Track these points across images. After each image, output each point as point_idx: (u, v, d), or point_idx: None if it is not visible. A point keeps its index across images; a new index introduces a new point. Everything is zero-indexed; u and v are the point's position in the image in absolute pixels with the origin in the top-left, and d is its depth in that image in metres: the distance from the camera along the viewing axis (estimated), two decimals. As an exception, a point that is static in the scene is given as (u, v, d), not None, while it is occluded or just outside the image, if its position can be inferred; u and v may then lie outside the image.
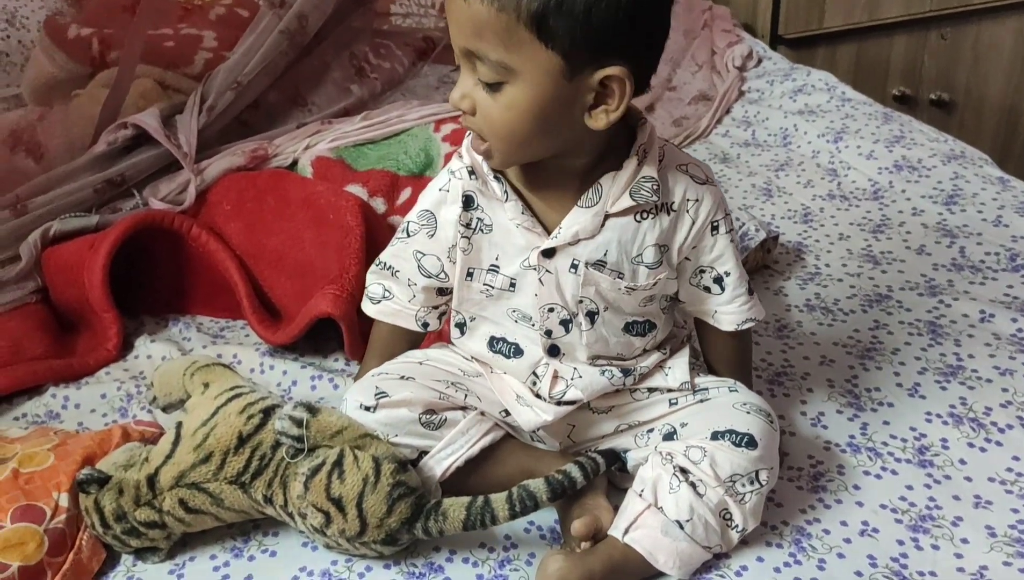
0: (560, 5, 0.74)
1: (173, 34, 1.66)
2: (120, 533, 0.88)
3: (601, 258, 0.88)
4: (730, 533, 0.87)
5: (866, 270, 1.32)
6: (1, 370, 1.14)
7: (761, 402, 0.92)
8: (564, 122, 0.81)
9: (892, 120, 1.69)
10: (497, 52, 0.77)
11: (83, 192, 1.34)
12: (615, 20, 0.75)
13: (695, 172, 0.89)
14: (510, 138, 0.82)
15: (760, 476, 0.87)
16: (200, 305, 1.31)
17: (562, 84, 0.78)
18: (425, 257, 0.96)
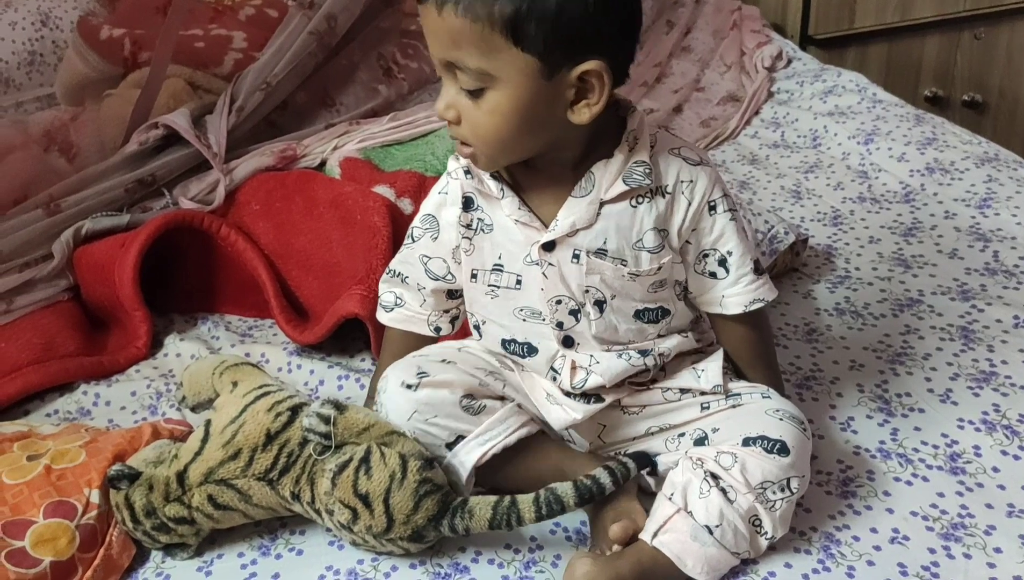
0: (531, 9, 0.76)
1: (203, 35, 1.67)
2: (150, 529, 0.89)
3: (602, 246, 0.88)
4: (759, 540, 0.86)
5: (897, 274, 1.30)
6: (34, 367, 1.16)
7: (795, 409, 0.91)
8: (548, 120, 0.82)
9: (924, 122, 1.67)
10: (475, 60, 0.78)
11: (114, 191, 1.35)
12: (586, 17, 0.77)
13: (688, 154, 0.88)
14: (496, 142, 0.83)
15: (791, 484, 0.86)
16: (229, 304, 1.32)
17: (542, 84, 0.79)
18: (431, 260, 0.97)
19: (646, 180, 0.86)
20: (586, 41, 0.78)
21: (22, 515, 0.87)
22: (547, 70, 0.79)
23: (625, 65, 0.84)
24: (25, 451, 0.96)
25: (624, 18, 0.81)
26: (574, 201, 0.87)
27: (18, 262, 1.27)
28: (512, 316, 0.94)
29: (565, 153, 0.87)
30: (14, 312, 1.23)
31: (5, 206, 1.32)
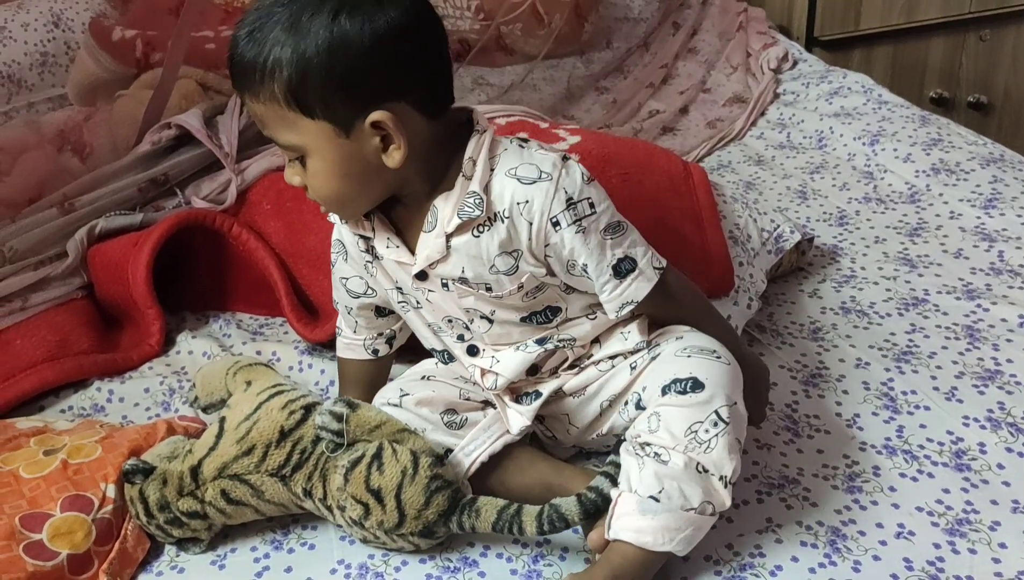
0: (303, 79, 0.80)
1: (214, 36, 1.68)
2: (163, 523, 0.90)
3: (461, 275, 0.89)
4: (713, 484, 0.84)
5: (902, 273, 1.31)
6: (49, 364, 1.17)
7: (707, 341, 0.90)
8: (369, 171, 0.85)
9: (930, 123, 1.68)
10: (283, 135, 0.84)
11: (128, 191, 1.37)
12: (355, 72, 0.80)
13: (524, 173, 0.86)
14: (333, 201, 0.88)
15: (721, 414, 0.84)
16: (240, 302, 1.34)
17: (343, 143, 0.83)
18: (349, 280, 1.00)
19: (476, 211, 0.86)
20: (364, 95, 0.81)
21: (39, 508, 0.88)
22: (341, 129, 0.82)
23: (432, 96, 0.85)
24: (42, 446, 0.97)
25: (405, 57, 0.82)
26: (424, 236, 0.89)
27: (33, 260, 1.28)
28: (427, 328, 0.97)
29: (413, 188, 0.88)
30: (29, 310, 1.24)
31: (20, 205, 1.33)
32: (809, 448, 1.02)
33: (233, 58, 0.83)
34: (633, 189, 1.16)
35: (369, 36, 0.79)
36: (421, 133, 0.84)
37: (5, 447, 0.97)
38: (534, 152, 0.88)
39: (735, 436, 0.86)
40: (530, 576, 0.88)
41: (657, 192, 1.18)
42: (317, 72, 0.79)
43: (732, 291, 1.14)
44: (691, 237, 1.15)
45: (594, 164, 1.17)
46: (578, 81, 2.00)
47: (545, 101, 1.87)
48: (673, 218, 1.16)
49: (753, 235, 1.25)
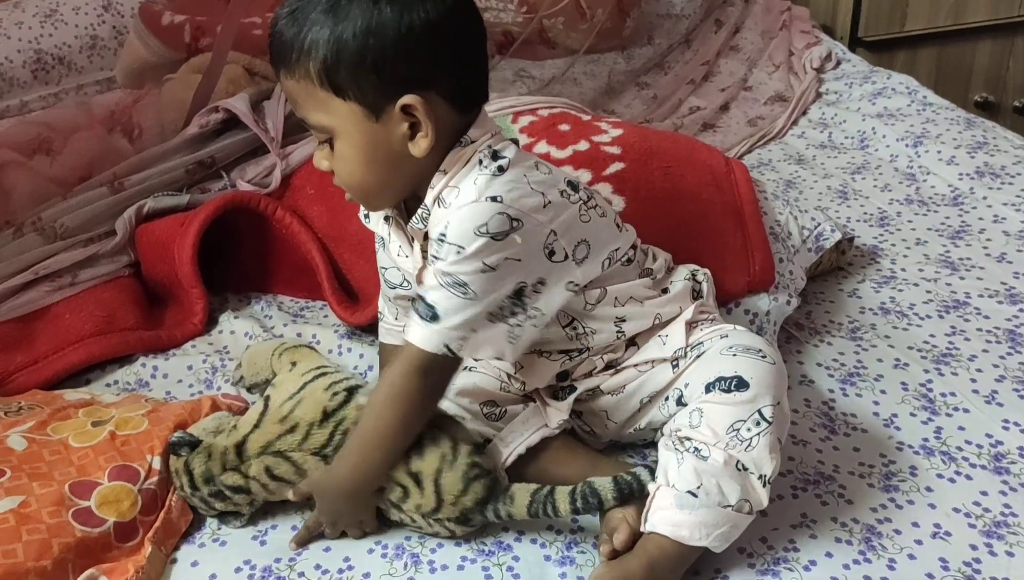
0: (337, 59, 0.80)
1: (261, 22, 1.71)
2: (207, 495, 0.92)
3: None
4: (752, 482, 0.84)
5: (943, 276, 1.30)
6: (96, 338, 1.20)
7: (750, 340, 0.90)
8: (396, 158, 0.85)
9: (975, 126, 1.66)
10: (314, 116, 0.85)
11: (175, 172, 1.39)
12: (390, 55, 0.80)
13: (447, 195, 0.85)
14: (358, 186, 0.88)
15: (764, 414, 0.84)
16: (282, 284, 1.36)
17: (371, 127, 0.83)
18: (387, 270, 1.01)
19: (419, 224, 0.87)
20: (396, 79, 0.81)
21: (88, 476, 0.91)
22: (371, 112, 0.83)
23: (463, 90, 0.85)
24: (90, 417, 0.99)
25: (441, 47, 0.82)
26: (416, 245, 0.91)
27: (83, 237, 1.31)
28: None
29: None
30: (78, 285, 1.27)
31: (71, 183, 1.37)
32: (845, 446, 1.01)
33: (273, 35, 0.84)
34: (675, 183, 1.17)
35: (406, 24, 0.80)
36: (448, 126, 0.84)
37: (55, 417, 1.00)
38: (470, 178, 0.84)
39: (776, 436, 0.86)
40: (563, 562, 0.89)
41: (699, 186, 1.18)
42: (351, 53, 0.80)
43: (772, 287, 1.14)
44: (732, 232, 1.15)
45: (636, 157, 1.18)
46: (619, 76, 2.00)
47: (585, 95, 1.87)
48: (715, 213, 1.16)
49: (793, 232, 1.25)
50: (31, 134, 1.43)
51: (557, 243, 0.87)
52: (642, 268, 0.97)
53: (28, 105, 1.79)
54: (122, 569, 0.86)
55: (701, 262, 1.06)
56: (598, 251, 0.91)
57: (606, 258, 0.93)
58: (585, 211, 0.90)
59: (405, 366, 0.87)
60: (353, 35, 0.80)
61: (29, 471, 0.91)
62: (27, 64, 1.82)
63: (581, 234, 0.90)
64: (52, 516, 0.86)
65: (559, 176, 0.91)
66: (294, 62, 0.82)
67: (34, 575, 0.83)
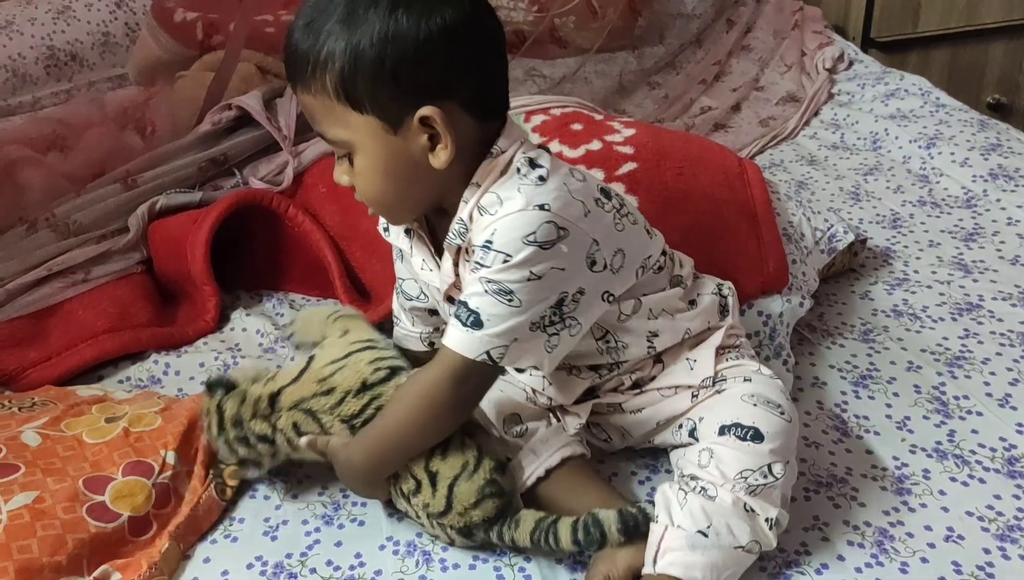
0: (354, 70, 0.79)
1: (274, 20, 1.71)
2: (232, 438, 0.92)
3: None
4: (760, 524, 0.83)
5: (956, 278, 1.30)
6: (108, 335, 1.20)
7: (774, 393, 0.89)
8: (415, 172, 0.84)
9: (988, 127, 1.65)
10: (332, 130, 0.83)
11: (188, 169, 1.40)
12: (406, 68, 0.79)
13: (486, 202, 0.83)
14: (379, 201, 0.87)
15: (773, 470, 0.84)
16: (294, 282, 1.36)
17: (390, 140, 0.82)
18: (405, 281, 1.01)
19: (457, 239, 0.85)
20: (414, 90, 0.80)
21: (102, 472, 0.91)
22: (389, 125, 0.81)
23: (483, 98, 0.83)
24: (103, 414, 1.00)
25: (458, 56, 0.80)
26: (444, 260, 0.89)
27: (96, 234, 1.32)
28: None
29: (455, 199, 0.86)
30: (91, 282, 1.27)
31: (84, 180, 1.37)
32: (858, 448, 1.01)
33: (288, 48, 0.83)
34: (688, 183, 1.16)
35: (424, 32, 0.78)
36: (468, 136, 0.83)
37: (68, 413, 1.00)
38: (513, 186, 0.83)
39: (782, 491, 0.86)
40: (575, 567, 0.89)
41: (712, 187, 1.18)
42: (368, 65, 0.78)
43: (785, 288, 1.14)
44: (746, 232, 1.15)
45: (649, 157, 1.18)
46: (630, 76, 2.00)
47: (596, 95, 1.87)
48: (728, 213, 1.15)
49: (806, 234, 1.24)
50: (45, 131, 1.44)
51: (599, 253, 0.86)
52: (671, 274, 0.96)
53: (41, 102, 1.80)
54: (136, 565, 0.87)
55: (714, 263, 1.06)
56: (633, 260, 0.91)
57: (639, 266, 0.92)
58: (619, 219, 0.89)
59: (440, 371, 0.85)
60: (370, 44, 0.78)
61: (43, 467, 0.91)
62: (40, 61, 1.83)
63: (617, 243, 0.89)
64: (66, 511, 0.87)
65: (592, 184, 0.89)
66: (310, 76, 0.81)
67: (49, 570, 0.83)
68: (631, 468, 0.99)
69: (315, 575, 0.89)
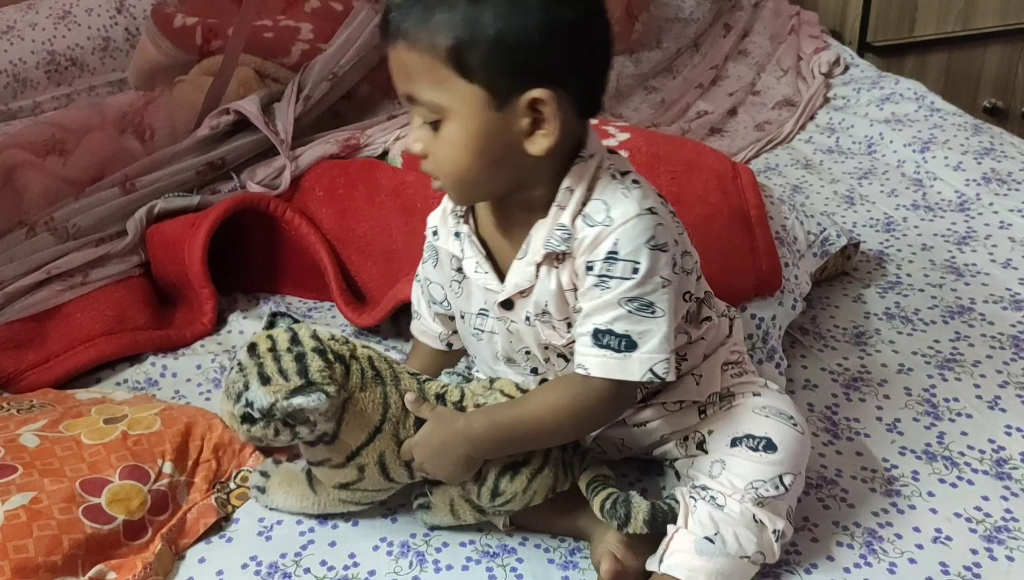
0: (472, 39, 0.75)
1: (272, 25, 1.72)
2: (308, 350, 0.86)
3: (545, 309, 0.86)
4: (768, 537, 0.85)
5: (949, 281, 1.31)
6: (106, 337, 1.21)
7: (785, 406, 0.90)
8: (507, 153, 0.80)
9: (982, 132, 1.66)
10: (428, 92, 0.79)
11: (186, 173, 1.41)
12: (530, 45, 0.76)
13: (592, 210, 0.82)
14: (456, 175, 0.82)
15: (784, 481, 0.85)
16: (290, 285, 1.37)
17: (492, 115, 0.78)
18: (431, 284, 0.99)
19: (562, 246, 0.82)
20: (532, 69, 0.77)
21: (99, 474, 0.92)
22: (496, 100, 0.77)
23: (589, 96, 0.82)
24: (102, 415, 1.01)
25: (578, 46, 0.78)
26: (517, 263, 0.86)
27: (94, 237, 1.33)
28: (495, 359, 0.94)
29: (535, 192, 0.84)
30: (89, 285, 1.28)
31: (83, 184, 1.38)
32: (848, 450, 1.02)
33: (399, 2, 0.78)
34: (682, 187, 1.17)
35: (553, 14, 0.76)
36: (567, 129, 0.80)
37: (67, 414, 1.01)
38: (617, 191, 0.82)
39: (790, 503, 0.87)
40: (567, 566, 0.90)
41: (706, 191, 1.18)
42: (489, 35, 0.75)
43: (778, 291, 1.15)
44: (739, 236, 1.16)
45: (643, 161, 1.19)
46: (627, 80, 2.01)
47: (594, 99, 1.87)
48: (721, 217, 1.16)
49: (799, 237, 1.25)
50: (44, 135, 1.45)
51: (678, 254, 0.86)
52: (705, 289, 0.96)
53: (41, 106, 1.81)
54: (130, 565, 0.87)
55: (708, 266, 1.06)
56: (691, 263, 0.91)
57: (692, 271, 0.92)
58: (676, 222, 0.89)
59: (594, 394, 0.84)
60: (493, 17, 0.75)
61: (41, 467, 0.92)
62: (40, 65, 1.84)
63: (683, 245, 0.89)
64: (63, 512, 0.88)
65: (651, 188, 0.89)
66: (420, 32, 0.76)
67: (44, 570, 0.84)
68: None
69: (309, 575, 0.90)
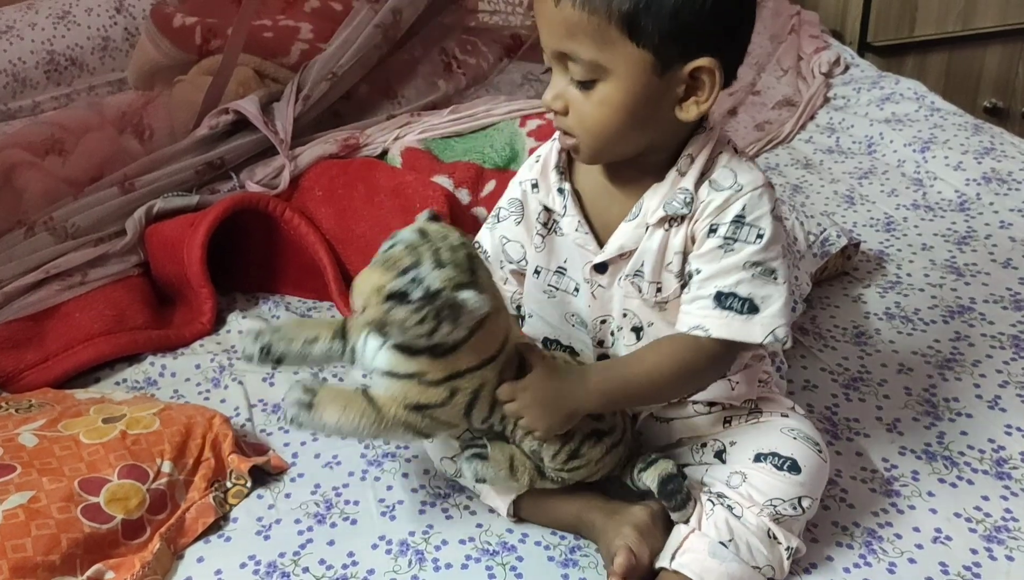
0: (649, 5, 0.77)
1: (272, 25, 1.72)
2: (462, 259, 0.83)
3: (639, 269, 0.88)
4: (779, 552, 0.86)
5: (949, 281, 1.30)
6: (105, 337, 1.21)
7: (811, 431, 0.91)
8: (654, 116, 0.82)
9: (983, 131, 1.66)
10: (590, 52, 0.79)
11: (185, 173, 1.41)
12: (702, 14, 0.77)
13: (719, 177, 0.85)
14: (602, 134, 0.83)
15: (802, 503, 0.86)
16: (289, 285, 1.37)
17: (653, 79, 0.80)
18: (509, 243, 0.98)
19: (684, 209, 0.84)
20: (700, 38, 0.79)
21: (98, 473, 0.92)
22: (660, 66, 0.79)
23: (735, 65, 0.84)
24: (100, 414, 1.01)
25: (736, 19, 0.81)
26: (625, 225, 0.88)
27: (93, 237, 1.33)
28: (563, 320, 0.95)
29: (656, 157, 0.86)
30: (88, 284, 1.28)
31: (83, 183, 1.38)
32: (848, 450, 1.02)
33: None
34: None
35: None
36: (716, 95, 0.82)
37: (66, 414, 1.01)
38: (742, 162, 0.86)
39: (802, 526, 0.88)
40: (566, 563, 0.90)
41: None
42: (668, 3, 0.77)
43: (776, 291, 1.14)
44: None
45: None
46: (628, 80, 2.00)
47: (593, 98, 1.88)
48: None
49: (799, 238, 1.25)
50: (44, 135, 1.45)
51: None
52: None
53: (41, 106, 1.82)
54: (128, 564, 0.87)
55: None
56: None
57: None
58: None
59: (710, 355, 0.86)
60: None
61: (39, 467, 0.92)
62: (40, 65, 1.84)
63: None
64: (61, 511, 0.88)
65: None
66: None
67: (43, 569, 0.84)
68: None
69: (308, 574, 0.90)
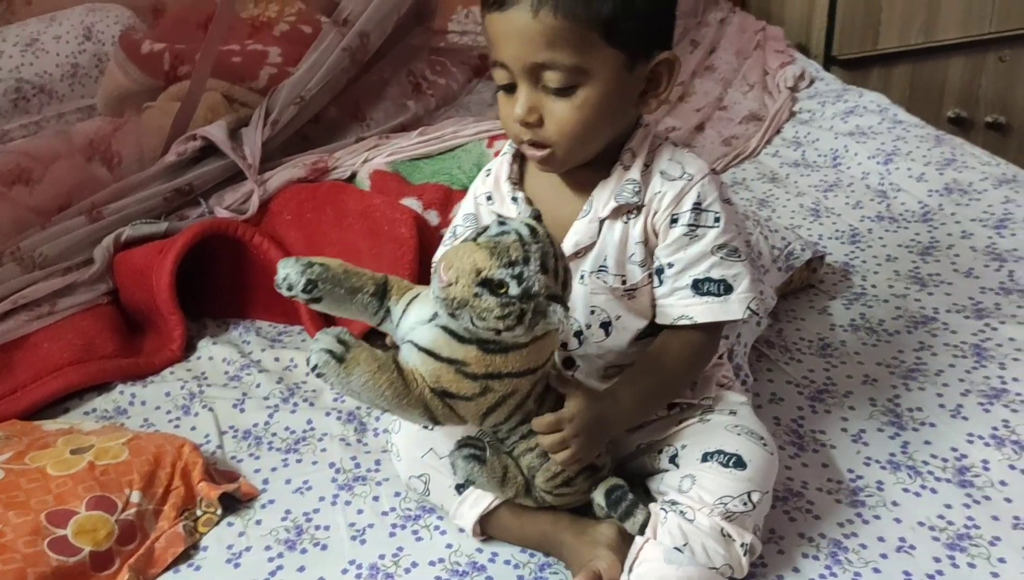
0: (628, 9, 0.81)
1: (240, 50, 1.73)
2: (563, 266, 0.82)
3: (603, 264, 0.91)
4: (736, 550, 0.85)
5: (913, 292, 1.32)
6: (74, 367, 1.21)
7: (756, 425, 0.92)
8: (621, 112, 0.87)
9: (944, 143, 1.69)
10: (572, 58, 0.82)
11: (153, 200, 1.41)
12: (666, 13, 0.84)
13: (668, 168, 0.89)
14: (580, 136, 0.86)
15: (752, 497, 0.86)
16: (260, 310, 1.37)
17: (624, 76, 0.84)
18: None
19: (634, 197, 0.88)
20: (661, 34, 0.84)
21: (65, 505, 0.92)
22: (630, 63, 0.84)
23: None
24: (68, 446, 1.00)
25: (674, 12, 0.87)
26: (579, 222, 0.90)
27: (61, 266, 1.33)
28: None
29: (607, 153, 0.89)
30: (56, 314, 1.28)
31: (50, 212, 1.38)
32: (814, 462, 1.03)
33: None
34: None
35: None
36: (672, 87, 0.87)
37: (33, 446, 1.01)
38: (684, 153, 0.91)
39: (756, 521, 0.88)
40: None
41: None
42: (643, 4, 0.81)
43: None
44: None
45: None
46: (596, 97, 2.02)
47: (563, 117, 1.89)
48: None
49: (764, 252, 1.27)
50: (10, 164, 1.44)
51: None
52: None
53: (9, 134, 1.81)
54: (97, 597, 0.87)
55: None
56: None
57: None
58: None
59: (704, 340, 0.90)
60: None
61: (6, 500, 0.91)
62: (7, 93, 1.84)
63: None
64: (28, 546, 0.87)
65: None
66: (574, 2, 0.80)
67: (9, 604, 0.84)
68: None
69: (278, 601, 0.90)
